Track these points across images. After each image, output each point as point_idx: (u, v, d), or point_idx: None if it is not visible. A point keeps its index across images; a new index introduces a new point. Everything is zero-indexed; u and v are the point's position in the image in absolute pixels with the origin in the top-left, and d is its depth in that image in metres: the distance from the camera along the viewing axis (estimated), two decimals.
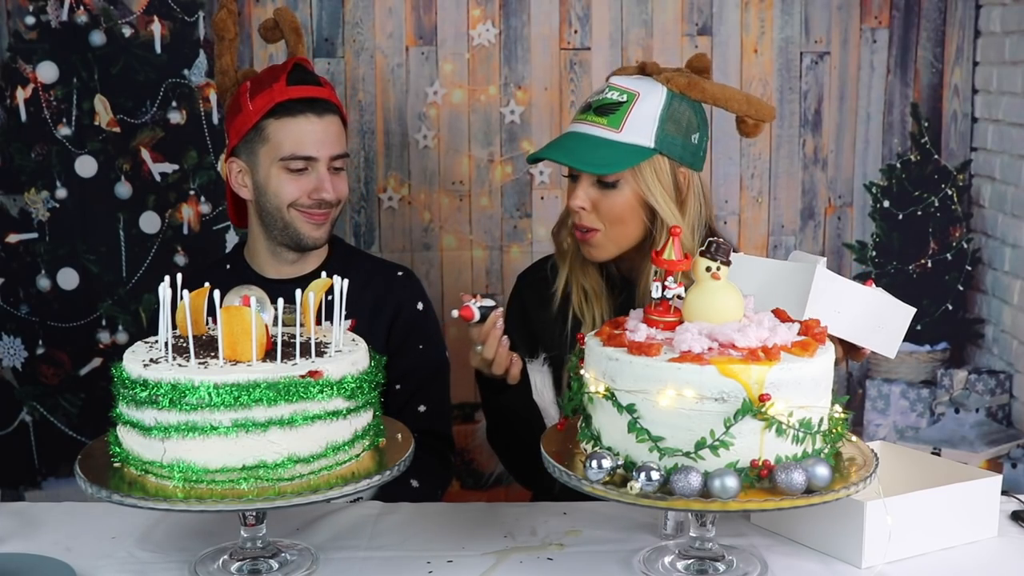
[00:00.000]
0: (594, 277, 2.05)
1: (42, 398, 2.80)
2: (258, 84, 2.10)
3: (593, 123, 1.94)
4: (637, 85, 1.94)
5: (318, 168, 2.08)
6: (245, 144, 2.11)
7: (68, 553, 1.65)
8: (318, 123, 2.07)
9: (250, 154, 2.11)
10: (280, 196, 2.09)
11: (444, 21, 2.75)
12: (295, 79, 2.08)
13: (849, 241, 2.87)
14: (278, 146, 2.07)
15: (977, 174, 2.85)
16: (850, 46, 2.80)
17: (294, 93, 2.06)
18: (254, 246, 2.20)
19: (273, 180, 2.09)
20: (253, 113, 2.07)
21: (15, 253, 2.75)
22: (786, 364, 1.43)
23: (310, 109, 2.07)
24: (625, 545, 1.68)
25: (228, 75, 2.16)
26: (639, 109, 1.91)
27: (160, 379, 1.43)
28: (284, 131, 2.06)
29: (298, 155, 2.07)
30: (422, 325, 2.24)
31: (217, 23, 2.15)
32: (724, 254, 1.53)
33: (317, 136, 2.07)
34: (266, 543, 1.62)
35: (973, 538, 1.70)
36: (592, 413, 1.52)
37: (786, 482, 1.41)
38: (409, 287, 2.26)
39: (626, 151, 1.91)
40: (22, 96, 2.70)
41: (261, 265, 2.19)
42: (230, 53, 2.16)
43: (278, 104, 2.05)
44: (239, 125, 2.10)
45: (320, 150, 2.08)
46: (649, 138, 1.91)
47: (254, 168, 2.11)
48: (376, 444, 1.60)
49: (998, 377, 2.89)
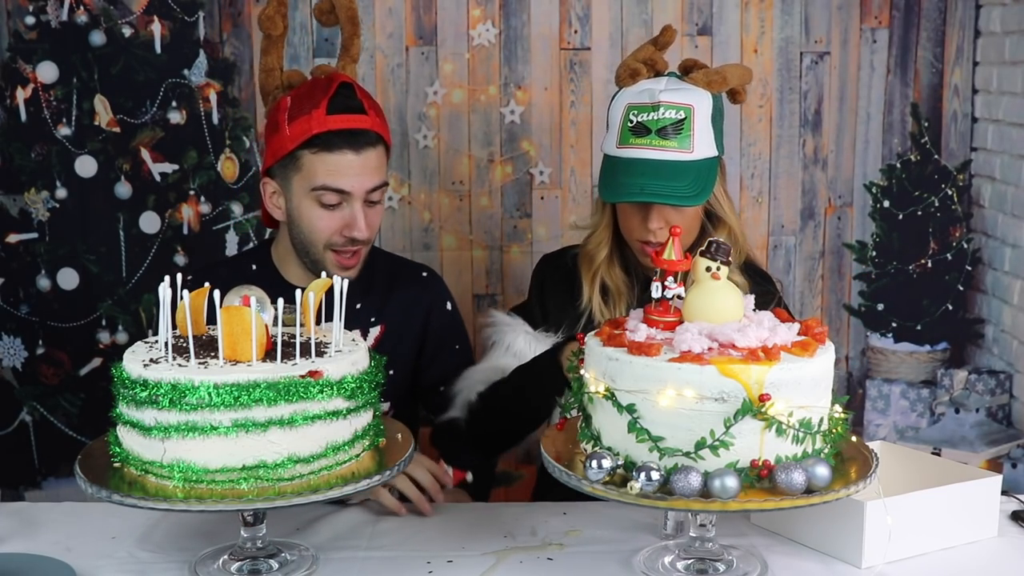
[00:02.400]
0: (619, 276, 2.07)
1: (42, 398, 2.79)
2: (298, 105, 1.97)
3: (661, 148, 1.91)
4: (687, 98, 1.92)
5: (352, 204, 1.97)
6: (280, 167, 2.01)
7: (68, 553, 1.65)
8: (355, 159, 1.95)
9: (284, 179, 2.01)
10: (313, 232, 2.00)
11: (444, 21, 2.75)
12: (336, 106, 1.95)
13: (849, 241, 2.87)
14: (312, 176, 1.96)
15: (977, 174, 2.85)
16: (850, 46, 2.80)
17: (332, 124, 1.93)
18: (285, 253, 2.11)
19: (305, 211, 1.99)
20: (289, 140, 1.96)
21: (15, 253, 2.75)
22: (786, 364, 1.43)
23: (348, 144, 1.95)
24: (625, 545, 1.68)
25: (273, 75, 2.05)
26: (699, 123, 1.91)
27: (160, 379, 1.43)
28: (320, 164, 1.95)
29: (331, 187, 1.96)
30: (454, 325, 2.24)
31: (264, 19, 2.03)
32: (724, 254, 1.54)
33: (354, 171, 1.96)
34: (266, 543, 1.62)
35: (973, 538, 1.70)
36: (592, 413, 1.52)
37: (786, 482, 1.41)
38: (436, 287, 2.25)
39: (703, 169, 1.93)
40: (22, 96, 2.70)
41: (288, 272, 2.12)
42: (276, 51, 2.04)
43: (314, 136, 1.94)
44: (275, 147, 1.99)
45: (355, 185, 1.96)
46: (712, 147, 1.95)
47: (287, 193, 2.02)
48: (376, 444, 1.60)
49: (998, 377, 2.89)
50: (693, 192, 1.92)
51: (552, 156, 2.78)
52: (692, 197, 1.92)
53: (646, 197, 1.92)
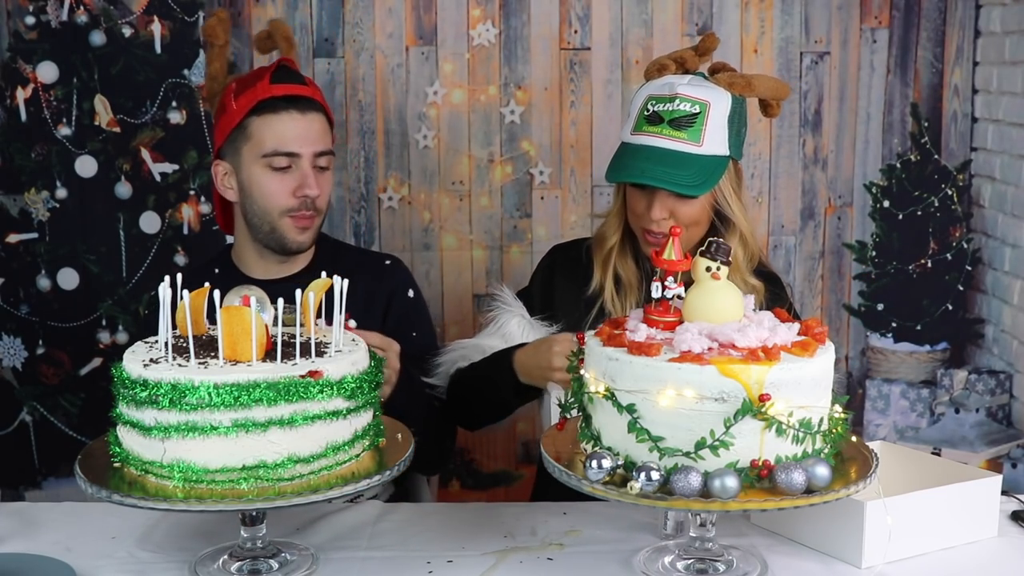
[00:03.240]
0: (631, 269, 2.08)
1: (42, 398, 2.80)
2: (243, 84, 2.10)
3: (671, 137, 1.93)
4: (705, 94, 1.94)
5: (301, 165, 2.06)
6: (230, 144, 2.09)
7: (68, 553, 1.65)
8: (301, 119, 2.05)
9: (234, 154, 2.09)
10: (267, 198, 2.07)
11: (444, 21, 2.75)
12: (279, 77, 2.07)
13: (849, 241, 2.87)
14: (261, 143, 2.05)
15: (977, 174, 2.85)
16: (850, 46, 2.80)
17: (277, 91, 2.05)
18: (241, 248, 2.18)
19: (256, 179, 2.07)
20: (237, 112, 2.06)
21: (15, 253, 2.75)
22: (786, 364, 1.43)
23: (293, 106, 2.05)
24: (625, 545, 1.68)
25: (218, 81, 2.17)
26: (713, 119, 1.93)
27: (160, 379, 1.43)
28: (267, 128, 2.05)
29: (280, 151, 2.05)
30: (414, 312, 2.24)
31: (207, 30, 2.16)
32: (724, 254, 1.54)
33: (299, 132, 2.05)
34: (266, 543, 1.62)
35: (973, 538, 1.70)
36: (592, 413, 1.52)
37: (786, 482, 1.41)
38: (398, 275, 2.25)
39: (709, 164, 1.93)
40: (22, 96, 2.70)
41: (249, 267, 2.17)
42: (220, 60, 2.16)
43: (260, 101, 2.04)
44: (224, 125, 2.10)
45: (303, 146, 2.05)
46: (724, 146, 1.94)
47: (238, 168, 2.09)
48: (376, 444, 1.60)
49: (998, 377, 2.89)
50: (694, 183, 1.92)
51: (552, 156, 2.78)
52: (691, 187, 1.92)
53: (645, 179, 1.94)
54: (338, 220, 2.80)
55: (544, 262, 2.21)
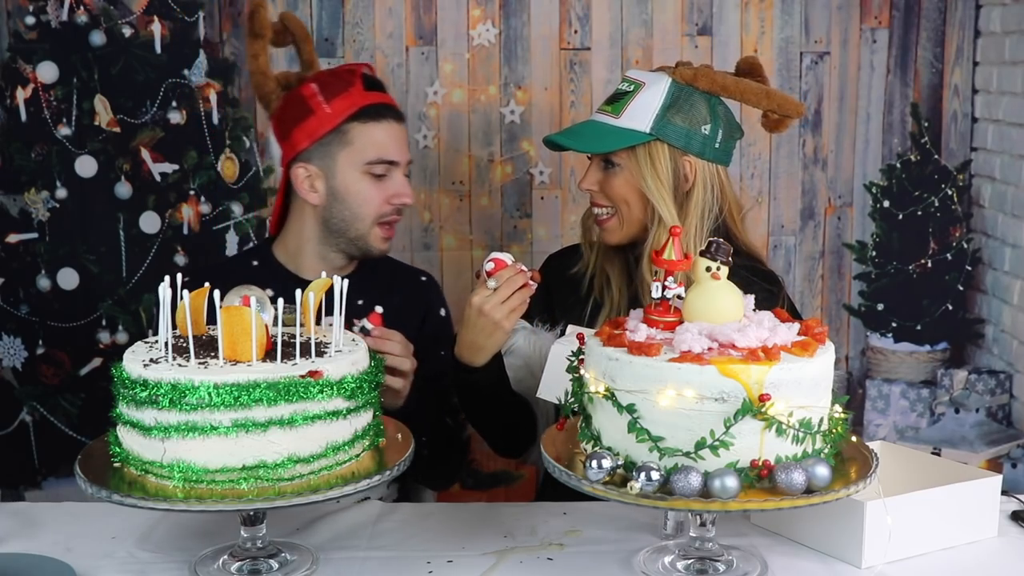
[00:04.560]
0: (618, 265, 2.09)
1: (42, 398, 2.79)
2: (330, 88, 2.07)
3: (602, 111, 2.03)
4: (646, 76, 2.01)
5: (397, 174, 2.09)
6: (321, 147, 2.07)
7: (68, 553, 1.65)
8: (398, 129, 2.10)
9: (326, 157, 2.07)
10: (363, 205, 2.08)
11: (444, 21, 2.75)
12: (371, 85, 2.09)
13: (849, 241, 2.87)
14: (363, 150, 2.06)
15: (977, 174, 2.85)
16: (850, 46, 2.80)
17: (374, 99, 2.07)
18: (297, 247, 2.15)
19: (354, 186, 2.07)
20: (332, 116, 2.04)
21: (15, 253, 2.75)
22: (786, 364, 1.43)
23: (391, 115, 2.09)
24: (625, 545, 1.68)
25: (269, 77, 2.12)
26: (641, 98, 1.98)
27: (160, 379, 1.43)
28: (367, 135, 2.06)
29: (384, 159, 2.07)
30: (445, 331, 2.25)
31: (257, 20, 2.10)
32: (724, 254, 1.54)
33: (398, 141, 2.09)
34: (266, 543, 1.62)
35: (973, 538, 1.70)
36: (592, 413, 1.52)
37: (786, 482, 1.41)
38: (432, 292, 2.30)
39: (620, 135, 1.98)
40: (22, 96, 2.70)
41: (302, 267, 2.15)
42: (265, 53, 2.12)
43: (362, 108, 2.05)
44: (311, 129, 2.06)
45: (401, 155, 2.10)
46: (646, 124, 1.97)
47: (331, 172, 2.07)
48: (376, 444, 1.60)
49: (998, 377, 2.89)
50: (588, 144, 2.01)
51: (552, 156, 2.78)
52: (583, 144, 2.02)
53: (554, 136, 2.07)
54: None
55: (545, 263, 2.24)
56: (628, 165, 1.99)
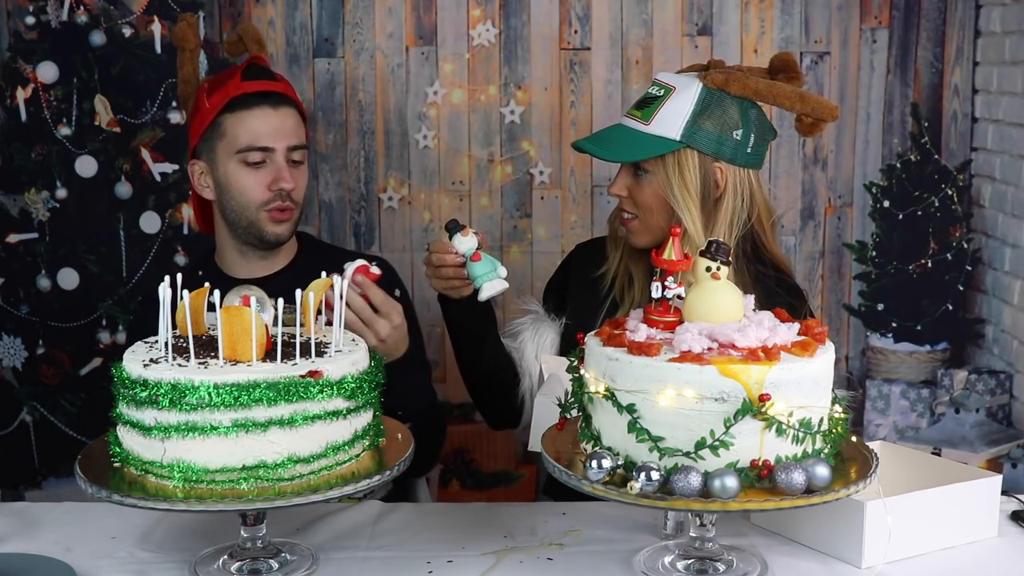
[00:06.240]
0: (643, 265, 2.08)
1: (42, 398, 2.80)
2: (215, 83, 2.13)
3: (632, 117, 2.01)
4: (676, 80, 1.99)
5: (275, 159, 2.09)
6: (204, 143, 2.13)
7: (68, 553, 1.65)
8: (273, 115, 2.09)
9: (209, 152, 2.12)
10: (244, 193, 2.10)
11: (444, 21, 2.75)
12: (249, 75, 2.11)
13: (849, 241, 2.87)
14: (234, 139, 2.08)
15: (977, 174, 2.85)
16: (850, 46, 2.80)
17: (248, 87, 2.08)
18: (222, 248, 2.21)
19: (232, 175, 2.10)
20: (210, 110, 2.09)
21: (15, 253, 2.75)
22: (786, 364, 1.43)
23: (265, 102, 2.08)
24: (625, 545, 1.68)
25: (190, 83, 2.20)
26: (671, 104, 1.96)
27: (160, 379, 1.43)
28: (240, 124, 2.08)
29: (254, 146, 2.08)
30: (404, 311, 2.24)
31: (177, 34, 2.20)
32: (724, 254, 1.54)
33: (272, 127, 2.08)
34: (266, 543, 1.62)
35: (973, 538, 1.70)
36: (592, 413, 1.52)
37: (786, 482, 1.41)
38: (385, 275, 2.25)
39: (650, 142, 1.96)
40: (22, 96, 2.70)
41: (230, 266, 2.20)
42: (191, 63, 2.21)
43: (233, 99, 2.08)
44: (197, 125, 2.13)
45: (276, 141, 2.09)
46: (676, 131, 1.95)
47: (214, 166, 2.12)
48: (376, 444, 1.60)
49: (998, 377, 2.89)
50: (617, 152, 1.99)
51: (552, 156, 2.78)
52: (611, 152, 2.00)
53: (582, 143, 2.05)
54: (338, 220, 2.80)
55: (564, 259, 2.27)
56: (657, 172, 1.97)
